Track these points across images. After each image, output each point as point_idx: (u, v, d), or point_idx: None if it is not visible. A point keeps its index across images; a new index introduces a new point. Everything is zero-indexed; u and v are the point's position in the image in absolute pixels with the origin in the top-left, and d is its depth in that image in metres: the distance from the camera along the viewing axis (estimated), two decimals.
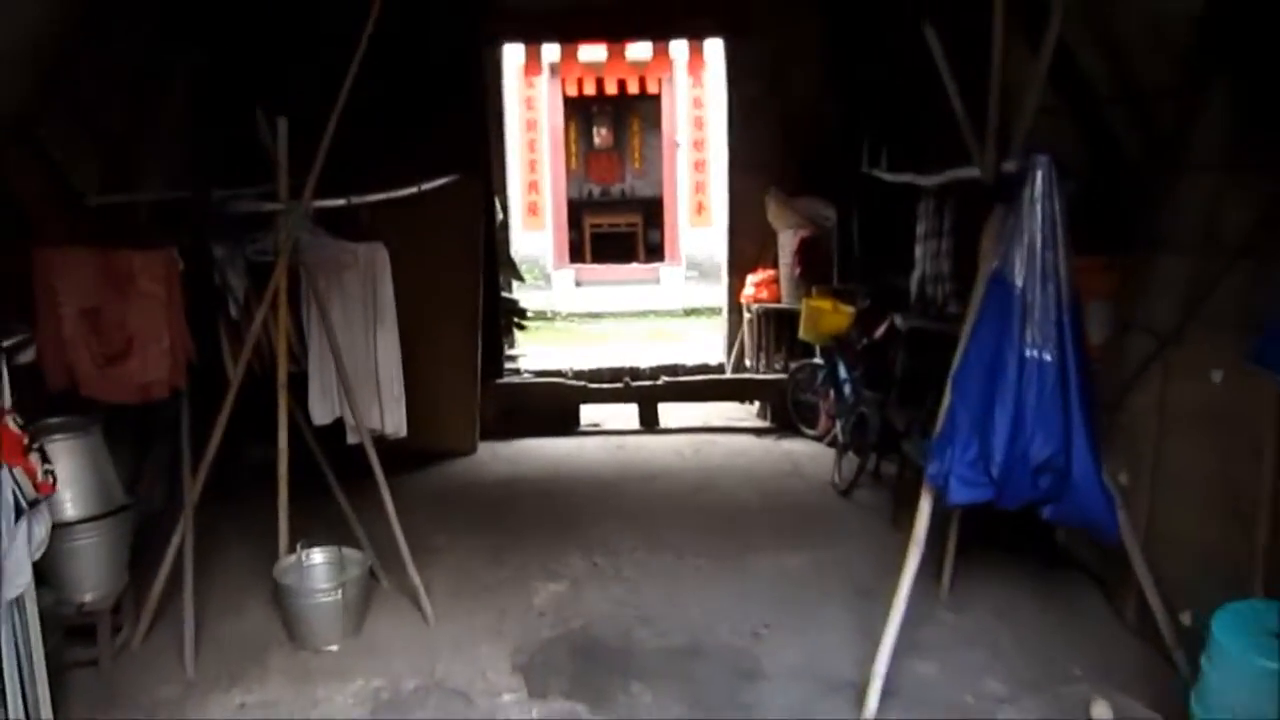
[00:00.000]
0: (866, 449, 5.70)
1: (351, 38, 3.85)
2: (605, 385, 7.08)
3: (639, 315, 12.44)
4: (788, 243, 7.28)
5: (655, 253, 14.74)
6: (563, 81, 13.34)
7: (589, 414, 7.13)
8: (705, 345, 10.45)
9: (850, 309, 6.40)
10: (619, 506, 5.29)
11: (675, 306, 12.57)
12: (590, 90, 13.48)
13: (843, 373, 6.17)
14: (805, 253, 7.12)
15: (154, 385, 3.31)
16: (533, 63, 7.86)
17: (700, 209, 13.49)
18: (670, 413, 7.19)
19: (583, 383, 7.05)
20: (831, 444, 6.47)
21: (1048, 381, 2.65)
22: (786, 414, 6.89)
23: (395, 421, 4.34)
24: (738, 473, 5.98)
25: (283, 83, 4.67)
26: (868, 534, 4.89)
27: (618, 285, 13.87)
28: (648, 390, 7.03)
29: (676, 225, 13.80)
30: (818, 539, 4.83)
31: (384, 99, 7.12)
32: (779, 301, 7.33)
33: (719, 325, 12.04)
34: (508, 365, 7.21)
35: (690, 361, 8.67)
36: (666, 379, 7.14)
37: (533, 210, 13.39)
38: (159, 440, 4.38)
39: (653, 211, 15.37)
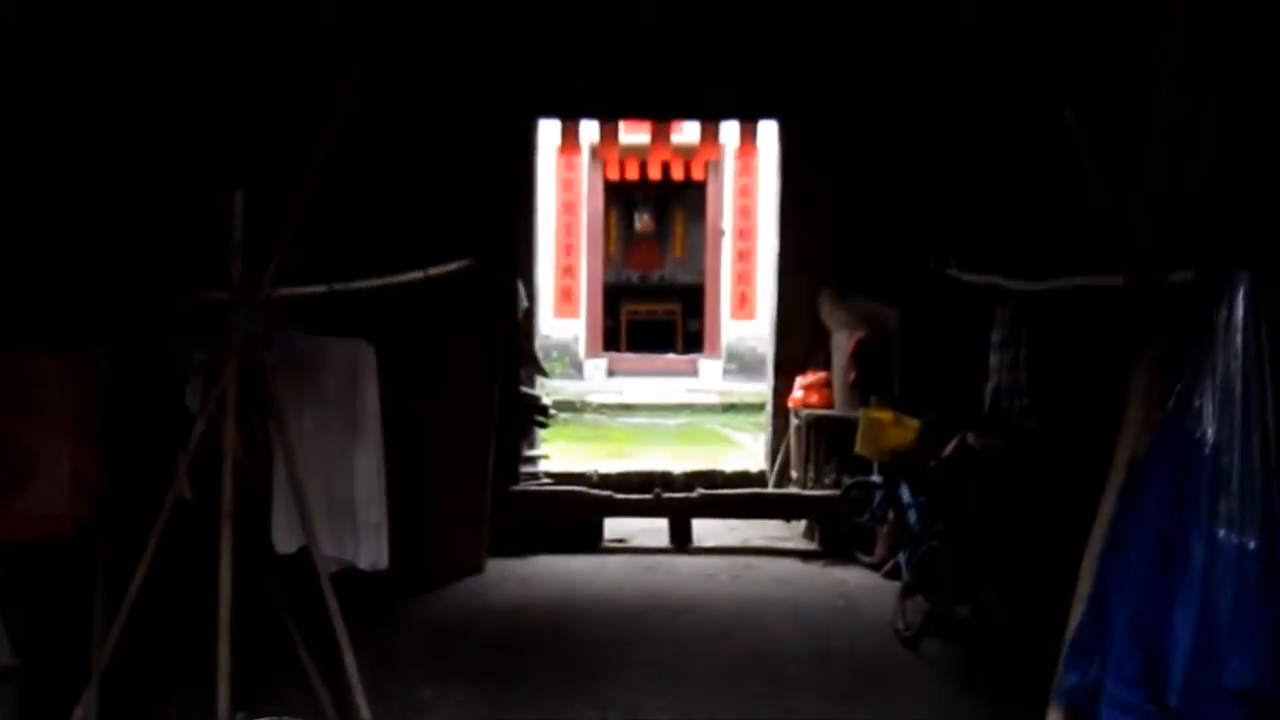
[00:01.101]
0: (936, 590, 4.86)
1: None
2: (633, 496, 6.32)
3: (674, 409, 11.72)
4: (842, 344, 6.56)
5: (694, 344, 14.09)
6: (604, 164, 12.93)
7: (615, 527, 6.37)
8: (745, 448, 9.74)
9: (915, 422, 5.64)
10: (643, 650, 4.48)
11: (713, 401, 11.84)
12: (633, 175, 13.05)
13: (906, 496, 5.38)
14: (862, 356, 6.38)
15: (53, 519, 2.63)
16: (570, 142, 7.31)
17: (743, 300, 12.86)
18: (705, 528, 6.41)
19: (608, 493, 6.30)
20: (889, 575, 5.64)
21: (1252, 576, 1.88)
22: (837, 537, 6.08)
23: (372, 554, 3.62)
24: (781, 607, 5.16)
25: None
26: (938, 699, 4.06)
27: (653, 376, 13.21)
28: (680, 504, 6.26)
29: (718, 316, 13.16)
30: (876, 701, 4.01)
31: (396, 175, 6.68)
32: (830, 408, 6.58)
33: (759, 422, 11.36)
34: (526, 469, 6.50)
35: (728, 467, 7.90)
36: (702, 491, 6.37)
37: (566, 296, 12.84)
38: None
39: (692, 300, 14.80)
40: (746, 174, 12.67)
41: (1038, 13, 4.96)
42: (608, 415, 11.54)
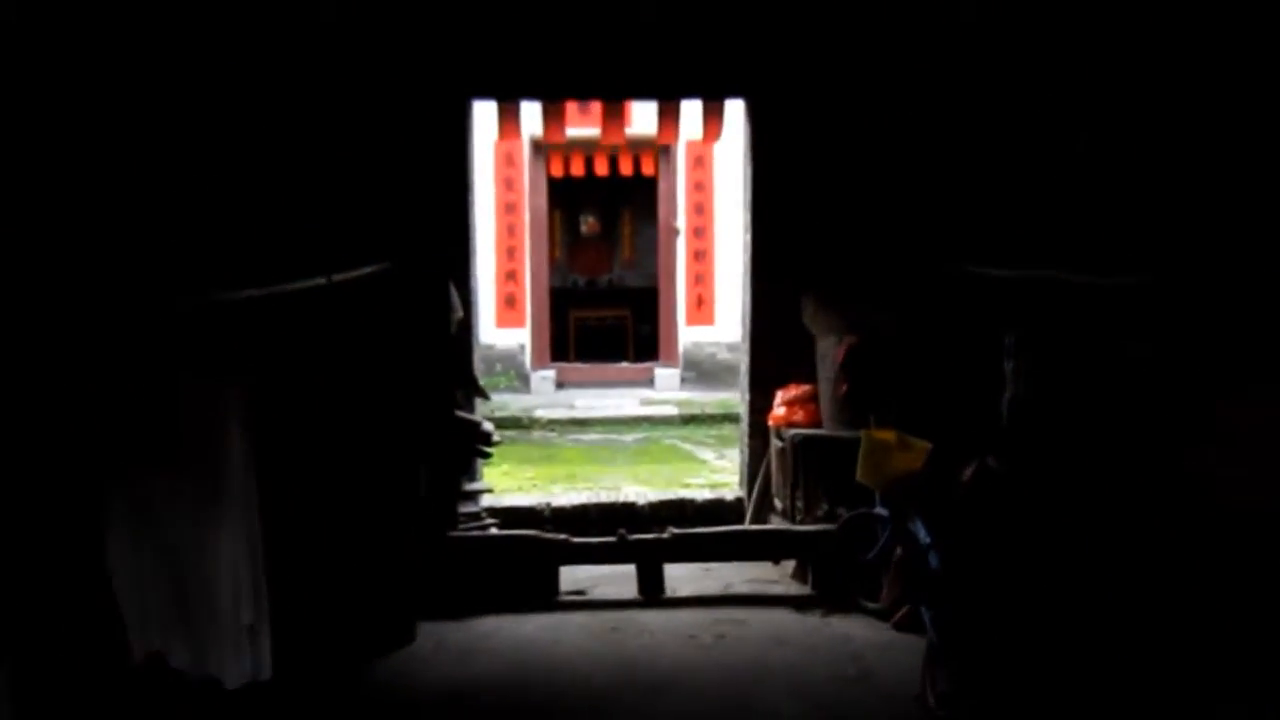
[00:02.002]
0: (974, 655, 4.00)
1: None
2: (594, 541, 5.35)
3: (630, 423, 10.77)
4: (829, 352, 5.68)
5: (648, 351, 13.17)
6: (547, 160, 11.96)
7: (574, 572, 5.41)
8: (710, 465, 8.84)
9: (923, 444, 4.77)
10: None
11: (671, 413, 10.92)
12: (578, 170, 12.08)
13: (921, 534, 4.50)
14: (853, 366, 5.51)
15: None
16: (509, 127, 6.29)
17: (700, 304, 11.97)
18: (679, 569, 5.47)
19: (564, 536, 5.33)
20: (902, 626, 4.77)
21: None
22: (835, 580, 5.19)
23: (244, 666, 2.63)
24: (780, 677, 4.23)
25: None
26: None
27: (605, 387, 12.25)
28: (650, 547, 5.30)
29: (673, 321, 12.25)
30: None
31: (297, 163, 5.66)
32: (818, 426, 5.70)
33: (723, 435, 10.49)
34: (466, 508, 5.49)
35: (696, 488, 7.01)
36: (674, 530, 5.41)
37: (510, 303, 11.83)
38: None
39: (644, 305, 13.90)
40: (701, 168, 11.80)
41: None
42: (558, 432, 10.55)
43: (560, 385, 12.17)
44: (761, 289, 6.20)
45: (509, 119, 6.33)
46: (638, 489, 7.46)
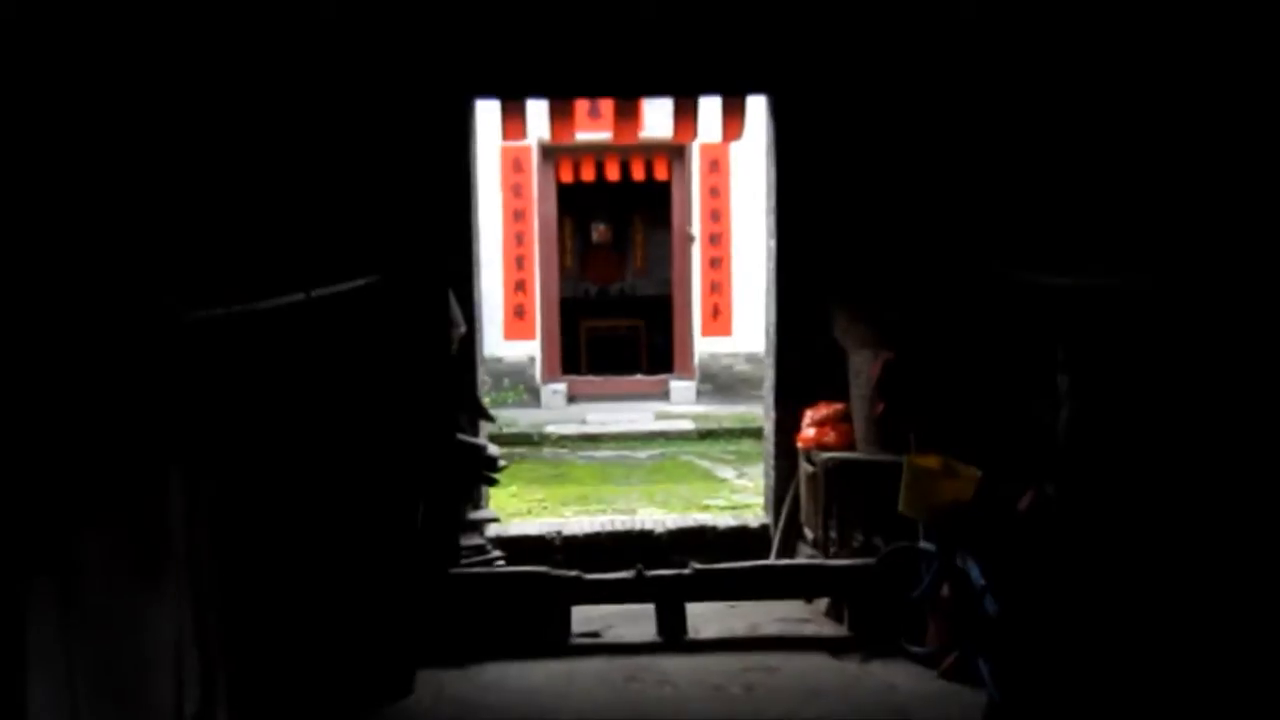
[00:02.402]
0: (1036, 712, 3.53)
1: None
2: (609, 576, 4.90)
3: (645, 439, 10.31)
4: (863, 368, 5.23)
5: (662, 362, 12.72)
6: (556, 165, 11.55)
7: (588, 609, 4.96)
8: (731, 485, 8.38)
9: (973, 471, 4.33)
10: None
11: (688, 428, 10.46)
12: (588, 176, 11.66)
13: (974, 573, 4.04)
14: (890, 383, 5.06)
15: None
16: (515, 128, 5.84)
17: (717, 313, 11.52)
18: (702, 606, 5.01)
19: (575, 573, 4.88)
20: (950, 674, 4.30)
21: None
22: (875, 620, 4.72)
23: None
24: None
25: None
26: None
27: (619, 400, 11.80)
28: (670, 585, 4.85)
29: (688, 332, 11.80)
30: None
31: (284, 167, 5.24)
32: (852, 448, 5.24)
33: (742, 451, 10.04)
34: (469, 541, 5.05)
35: (716, 509, 6.54)
36: (697, 566, 4.95)
37: (519, 314, 11.40)
38: None
39: (657, 314, 13.45)
40: (717, 172, 11.36)
41: None
42: (570, 449, 10.11)
43: (571, 399, 11.73)
44: (787, 299, 5.76)
45: (514, 119, 5.91)
46: (654, 514, 7.01)
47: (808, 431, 5.40)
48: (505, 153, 11.17)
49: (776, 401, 5.81)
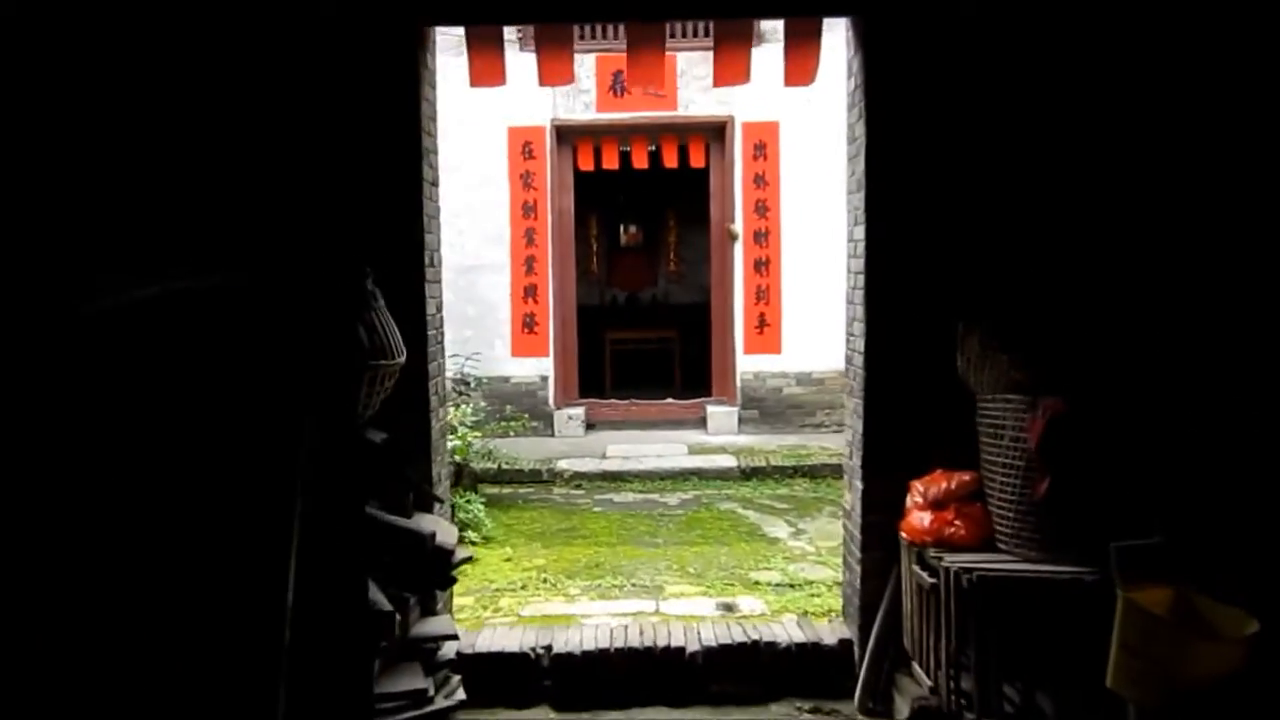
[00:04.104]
0: None
1: None
2: None
3: (676, 479, 8.50)
4: (1010, 421, 3.37)
5: (697, 381, 10.89)
6: (575, 151, 9.78)
7: None
8: (784, 548, 6.51)
9: (1241, 619, 2.48)
10: None
11: (728, 464, 8.64)
12: (611, 162, 9.86)
13: None
14: (1061, 448, 3.21)
15: None
16: (487, 69, 3.99)
17: (763, 325, 9.67)
18: None
19: None
20: None
21: None
22: None
23: None
24: None
25: None
26: None
27: (646, 429, 10.00)
28: None
29: (729, 347, 9.95)
30: None
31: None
32: (990, 546, 3.41)
33: (795, 496, 8.15)
34: (397, 685, 3.26)
35: (780, 634, 4.65)
36: None
37: (529, 326, 9.65)
38: None
39: (692, 325, 11.66)
40: (764, 158, 9.53)
41: None
42: (586, 490, 8.32)
43: (590, 426, 9.94)
44: (881, 316, 3.92)
45: (486, 57, 4.11)
46: (686, 602, 5.24)
47: (919, 517, 3.56)
48: (513, 135, 9.44)
49: (864, 465, 3.97)
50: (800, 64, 4.06)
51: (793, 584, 5.77)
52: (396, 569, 3.39)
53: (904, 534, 3.64)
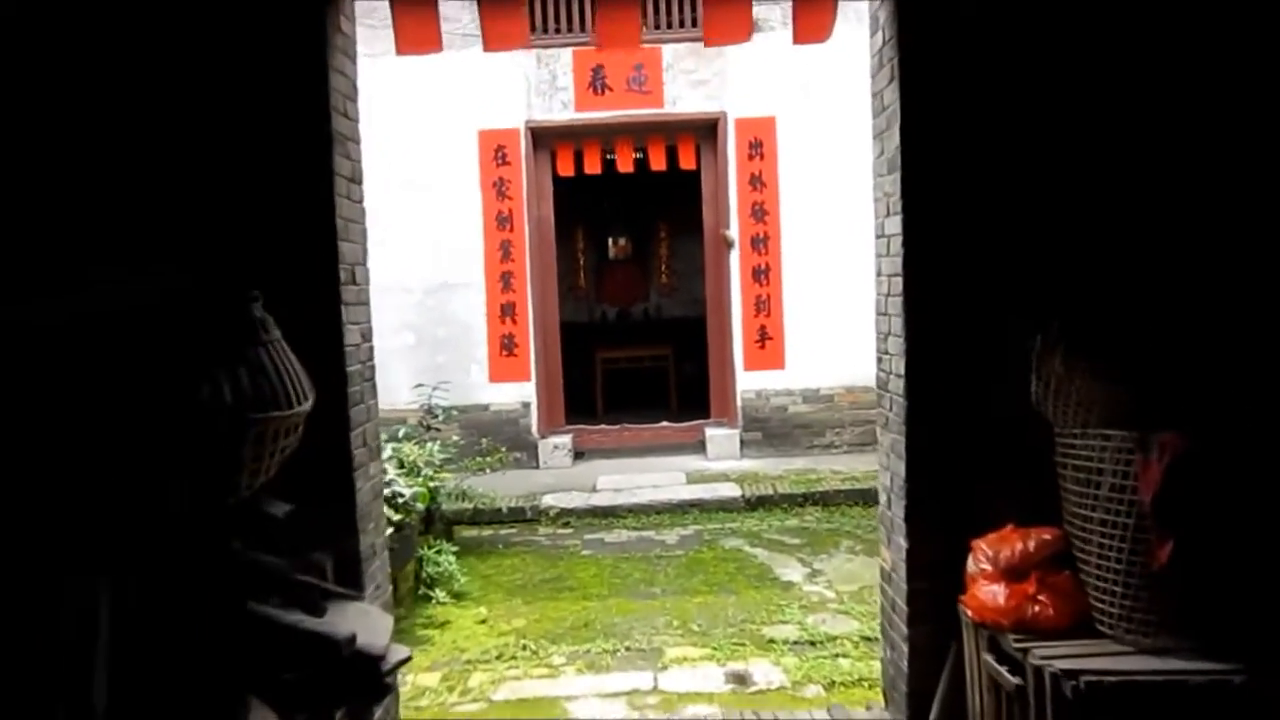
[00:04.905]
0: None
1: None
2: None
3: (675, 512, 7.67)
4: (1108, 465, 2.54)
5: (694, 401, 10.07)
6: (554, 155, 8.97)
7: None
8: (799, 594, 5.62)
9: None
10: None
11: (731, 494, 7.80)
12: (593, 167, 9.04)
13: None
14: (1182, 503, 2.38)
15: None
16: (416, 29, 3.17)
17: (764, 339, 8.86)
18: None
19: None
20: None
21: None
22: None
23: None
24: None
25: None
26: None
27: (640, 455, 9.17)
28: None
29: (727, 364, 9.13)
30: None
31: None
32: (1086, 629, 2.57)
33: (806, 528, 7.22)
34: None
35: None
36: None
37: (508, 349, 8.82)
38: None
39: (687, 340, 10.87)
40: (760, 156, 8.73)
41: None
42: (574, 529, 7.48)
43: (579, 455, 9.10)
44: (926, 328, 3.10)
45: (414, 11, 3.28)
46: (688, 673, 4.39)
47: (990, 591, 2.72)
48: (484, 139, 8.64)
49: (910, 519, 3.13)
50: (813, 15, 3.25)
51: (813, 640, 4.95)
52: (301, 686, 2.55)
53: (968, 610, 2.81)
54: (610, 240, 12.92)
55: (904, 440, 3.12)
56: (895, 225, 3.12)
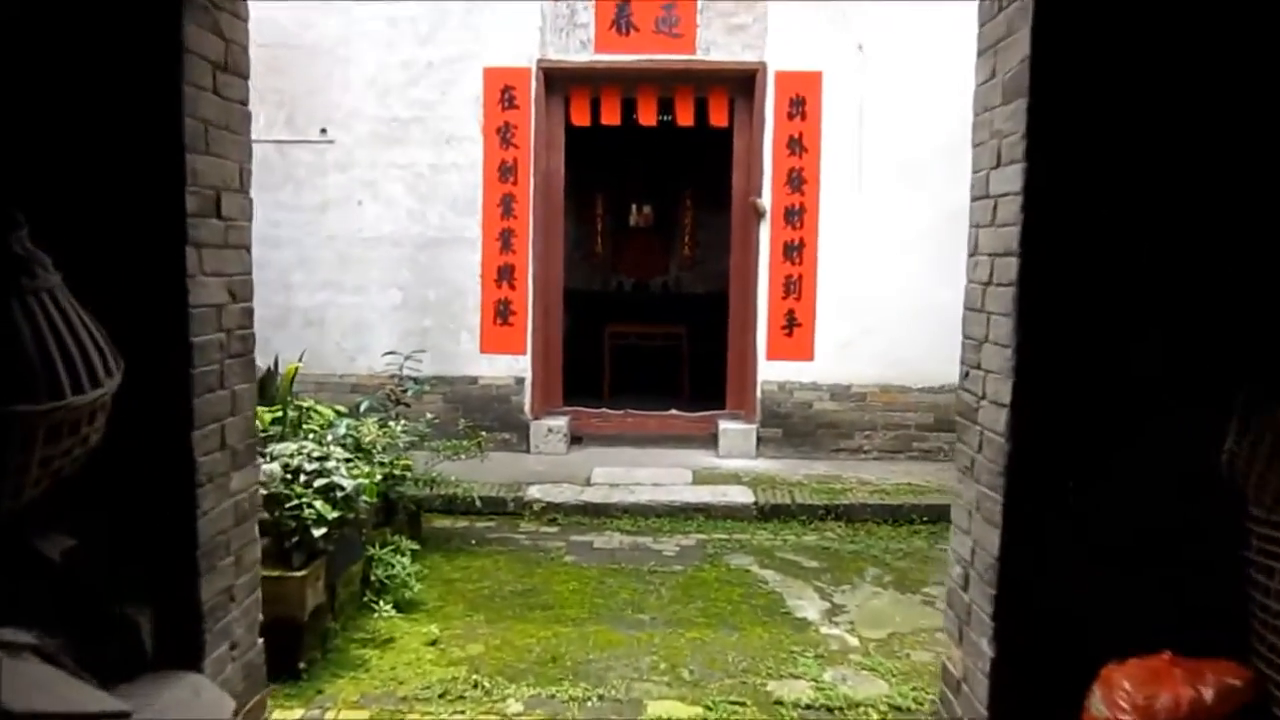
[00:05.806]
0: None
1: None
2: None
3: (677, 516, 6.72)
4: None
5: (708, 389, 9.08)
6: (567, 102, 7.94)
7: None
8: (818, 638, 4.59)
9: None
10: None
11: (743, 500, 6.85)
12: (611, 117, 8.01)
13: None
14: None
15: None
16: None
17: (791, 325, 7.85)
18: None
19: None
20: None
21: None
22: None
23: None
24: None
25: None
26: None
27: (643, 446, 8.22)
28: None
29: (748, 349, 8.12)
30: None
31: None
32: None
33: (833, 553, 5.97)
34: None
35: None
36: None
37: (504, 316, 7.86)
38: None
39: (705, 320, 9.88)
40: (801, 116, 7.67)
41: None
42: (560, 527, 6.56)
43: (575, 440, 8.17)
44: (1048, 331, 2.08)
45: None
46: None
47: (1159, 707, 1.73)
48: (490, 78, 7.64)
49: (999, 615, 2.14)
50: None
51: (830, 706, 3.99)
52: None
53: (1115, 715, 1.82)
54: (634, 207, 11.94)
55: (1000, 499, 2.12)
56: (1011, 179, 2.10)
